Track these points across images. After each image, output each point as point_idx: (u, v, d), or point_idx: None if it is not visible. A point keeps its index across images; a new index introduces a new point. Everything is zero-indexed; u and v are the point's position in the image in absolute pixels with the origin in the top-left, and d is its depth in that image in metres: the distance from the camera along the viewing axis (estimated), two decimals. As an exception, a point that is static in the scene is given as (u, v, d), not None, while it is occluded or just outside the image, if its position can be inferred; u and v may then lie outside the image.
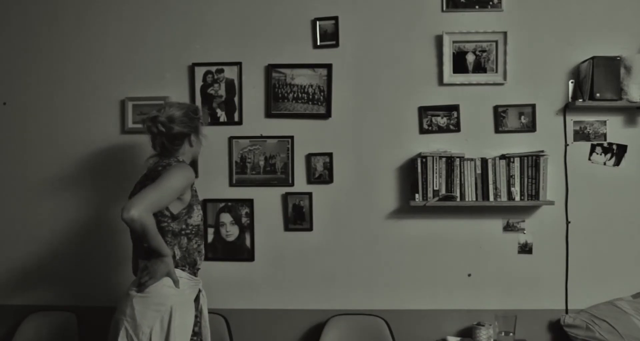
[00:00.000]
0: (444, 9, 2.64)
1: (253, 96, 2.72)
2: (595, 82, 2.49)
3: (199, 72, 2.71)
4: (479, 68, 2.63)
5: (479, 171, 2.56)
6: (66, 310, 2.70)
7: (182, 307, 1.98)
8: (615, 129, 2.63)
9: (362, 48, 2.67)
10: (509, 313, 2.52)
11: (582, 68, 2.59)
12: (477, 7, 2.63)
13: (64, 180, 2.76)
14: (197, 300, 2.10)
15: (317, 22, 2.66)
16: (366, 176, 2.69)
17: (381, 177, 2.66)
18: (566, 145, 2.64)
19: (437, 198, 2.53)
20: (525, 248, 2.65)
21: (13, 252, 2.76)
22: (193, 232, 2.07)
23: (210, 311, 2.63)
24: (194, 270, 2.09)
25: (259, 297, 2.72)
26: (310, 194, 2.67)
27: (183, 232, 2.03)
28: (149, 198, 1.87)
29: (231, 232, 2.72)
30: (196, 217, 2.07)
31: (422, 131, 2.66)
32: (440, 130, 2.66)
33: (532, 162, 2.54)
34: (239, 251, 2.72)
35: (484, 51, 2.63)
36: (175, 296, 1.96)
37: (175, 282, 1.97)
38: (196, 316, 2.06)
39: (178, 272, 2.00)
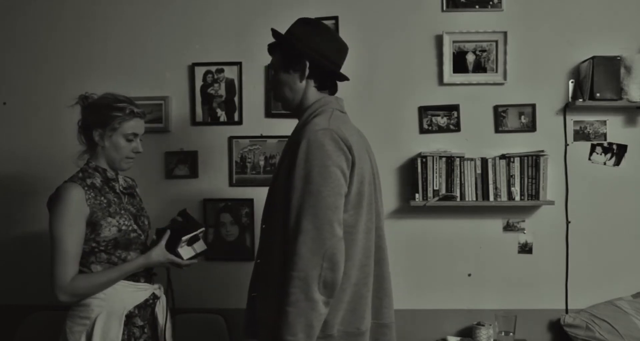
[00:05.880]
0: (444, 8, 2.65)
1: (253, 96, 2.72)
2: (595, 82, 2.49)
3: (199, 72, 2.71)
4: (479, 68, 2.63)
5: (479, 171, 2.56)
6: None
7: (105, 318, 1.86)
8: (615, 129, 2.63)
9: (362, 48, 2.67)
10: (509, 313, 2.52)
11: (582, 68, 2.59)
12: (477, 7, 2.63)
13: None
14: (146, 307, 1.97)
15: (317, 22, 2.66)
16: (366, 176, 2.68)
17: (381, 177, 2.64)
18: (566, 145, 2.64)
19: (437, 198, 2.53)
20: (525, 248, 2.65)
21: (13, 252, 2.77)
22: (111, 245, 1.89)
23: (210, 311, 2.65)
24: (135, 277, 1.93)
25: (259, 297, 2.72)
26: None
27: (96, 250, 1.87)
28: (57, 268, 1.86)
29: (231, 232, 2.72)
30: (107, 231, 1.87)
31: (422, 131, 2.66)
32: (440, 130, 2.66)
33: (532, 162, 2.54)
34: (239, 251, 2.72)
35: (484, 51, 2.63)
36: (99, 307, 1.86)
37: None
38: (143, 326, 1.94)
39: None
